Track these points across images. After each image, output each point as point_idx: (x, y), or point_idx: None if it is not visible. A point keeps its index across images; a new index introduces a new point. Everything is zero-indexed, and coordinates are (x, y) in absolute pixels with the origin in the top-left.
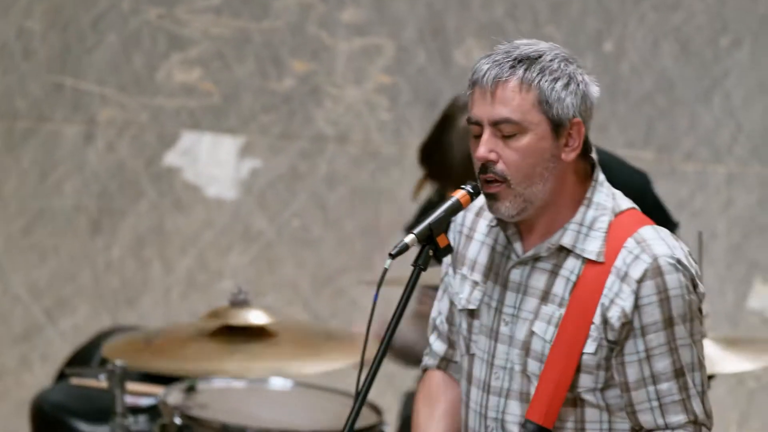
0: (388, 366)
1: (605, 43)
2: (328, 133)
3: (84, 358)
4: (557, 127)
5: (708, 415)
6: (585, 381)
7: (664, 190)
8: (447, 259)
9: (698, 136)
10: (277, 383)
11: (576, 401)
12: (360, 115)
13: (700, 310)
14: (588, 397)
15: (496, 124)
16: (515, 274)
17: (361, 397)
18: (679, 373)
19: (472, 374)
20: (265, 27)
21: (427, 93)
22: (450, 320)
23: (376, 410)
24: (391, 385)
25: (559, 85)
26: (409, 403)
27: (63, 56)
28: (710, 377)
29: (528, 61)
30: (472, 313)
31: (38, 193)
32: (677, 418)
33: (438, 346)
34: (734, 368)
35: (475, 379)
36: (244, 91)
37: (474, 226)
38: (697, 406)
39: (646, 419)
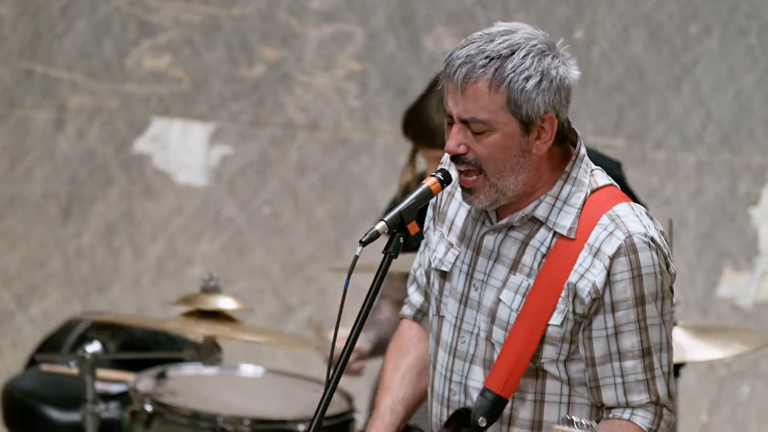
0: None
1: (575, 31)
2: (298, 120)
3: (54, 344)
4: (526, 125)
5: (671, 397)
6: (548, 352)
7: (634, 177)
8: (430, 213)
9: (668, 123)
10: (248, 370)
11: (537, 372)
12: (330, 102)
13: (671, 290)
14: (550, 368)
15: (464, 121)
16: (488, 241)
17: (332, 384)
18: (646, 353)
19: (440, 336)
20: (234, 14)
21: (397, 80)
22: (428, 274)
23: (347, 397)
24: (364, 370)
25: (530, 84)
26: None
27: (33, 43)
28: (681, 365)
29: (500, 60)
30: (444, 275)
31: (8, 179)
32: (639, 397)
33: (416, 297)
34: (704, 356)
35: (442, 341)
36: (214, 77)
37: (457, 185)
38: (660, 387)
39: (608, 395)
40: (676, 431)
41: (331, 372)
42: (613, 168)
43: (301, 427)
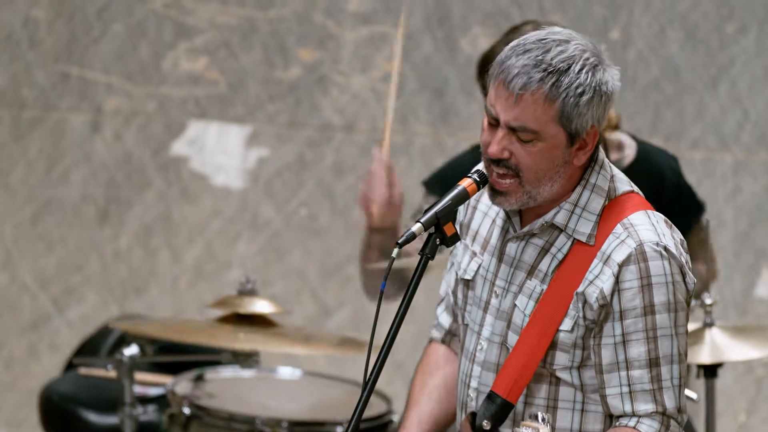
0: (397, 354)
1: (611, 31)
2: (334, 121)
3: (92, 347)
4: (573, 137)
5: (680, 410)
6: (560, 359)
7: None
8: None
9: (705, 123)
10: (286, 372)
11: (550, 378)
12: (366, 104)
13: (687, 302)
14: (563, 375)
15: (513, 127)
16: (510, 249)
17: (369, 385)
18: (653, 363)
19: (464, 345)
20: (271, 16)
21: (434, 81)
22: (455, 292)
23: (385, 399)
24: (400, 372)
25: (583, 100)
26: None
27: (69, 45)
28: (718, 365)
29: (557, 74)
30: (467, 284)
31: (45, 182)
32: (645, 406)
33: (444, 318)
34: (742, 356)
35: (465, 349)
36: (251, 80)
37: (480, 197)
38: (668, 399)
39: (614, 404)
40: (714, 431)
41: (368, 373)
42: (670, 162)
43: (339, 429)
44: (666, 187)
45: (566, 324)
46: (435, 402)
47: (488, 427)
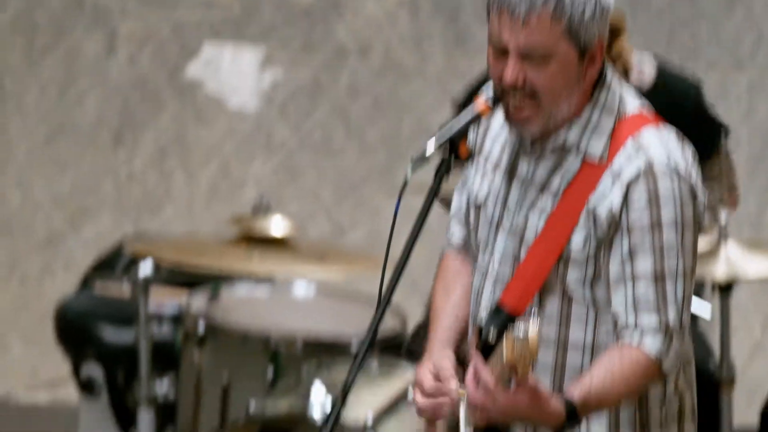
0: (412, 272)
1: None
2: (349, 45)
3: (107, 266)
4: (583, 53)
5: (682, 326)
6: (573, 274)
7: None
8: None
9: (720, 44)
10: (300, 289)
11: (564, 295)
12: (381, 28)
13: (696, 221)
14: (576, 291)
15: (524, 52)
16: (522, 168)
17: (384, 303)
18: (659, 278)
19: (477, 261)
20: None
21: (448, 5)
22: (467, 211)
23: (400, 316)
24: (415, 290)
25: (587, 13)
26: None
27: None
28: (733, 282)
29: None
30: (479, 203)
31: (59, 107)
32: (649, 319)
33: (458, 230)
34: (757, 273)
35: (479, 266)
36: (265, 3)
37: (491, 118)
38: (672, 313)
39: (619, 316)
40: (729, 348)
41: (383, 290)
42: (690, 90)
43: (354, 345)
44: (684, 116)
45: (577, 239)
46: (460, 311)
47: (494, 339)
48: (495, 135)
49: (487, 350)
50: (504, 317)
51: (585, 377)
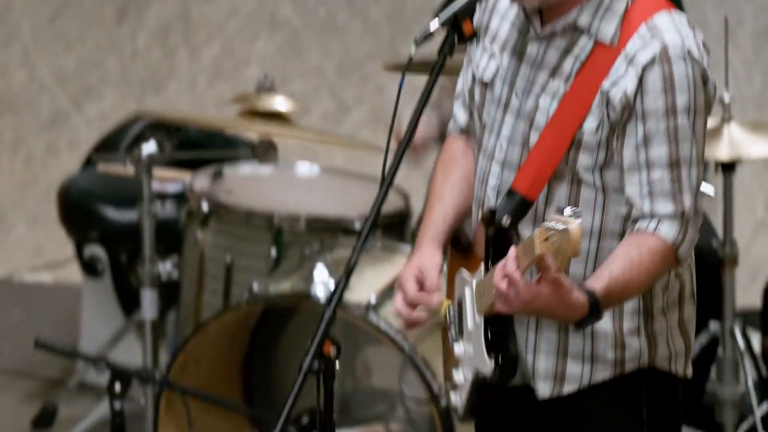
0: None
1: None
2: None
3: (111, 144)
4: None
5: (697, 212)
6: (584, 159)
7: None
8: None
9: None
10: (304, 168)
11: (573, 180)
12: None
13: (707, 106)
14: (585, 175)
15: None
16: (531, 49)
17: (387, 181)
18: (674, 164)
19: (481, 143)
20: None
21: None
22: (471, 91)
23: (403, 195)
24: (419, 168)
25: None
26: None
27: None
28: (737, 162)
29: None
30: (486, 85)
31: None
32: (665, 207)
33: (461, 115)
34: (760, 152)
35: (483, 148)
36: None
37: None
38: (687, 199)
39: (634, 204)
40: (732, 228)
41: (387, 169)
42: None
43: (357, 224)
44: None
45: (589, 123)
46: (457, 195)
47: (507, 224)
48: (502, 15)
49: (499, 235)
50: (518, 203)
51: (604, 269)
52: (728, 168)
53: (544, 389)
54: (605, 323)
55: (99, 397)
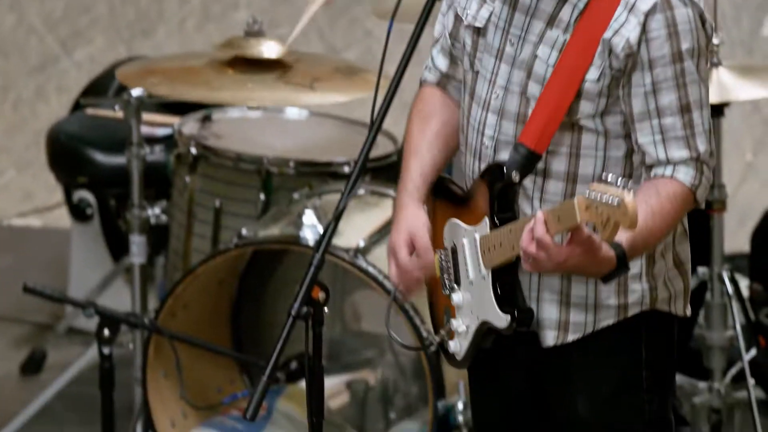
0: (404, 94)
1: None
2: None
3: (100, 88)
4: None
5: (711, 154)
6: (585, 108)
7: None
8: None
9: None
10: (293, 112)
11: (573, 127)
12: None
13: (707, 48)
14: (587, 123)
15: None
16: None
17: (376, 125)
18: (685, 109)
19: (474, 91)
20: None
21: None
22: (454, 35)
23: (392, 138)
24: (407, 112)
25: None
26: None
27: None
28: (725, 105)
29: None
30: (478, 31)
31: None
32: (679, 153)
33: (441, 61)
34: (749, 95)
35: (476, 96)
36: None
37: None
38: (701, 143)
39: (648, 152)
40: (720, 172)
41: (375, 114)
42: None
43: (346, 168)
44: None
45: (592, 73)
46: (436, 150)
47: (518, 179)
48: None
49: (507, 189)
50: (525, 157)
51: None
52: (716, 112)
53: (549, 338)
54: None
55: (88, 342)
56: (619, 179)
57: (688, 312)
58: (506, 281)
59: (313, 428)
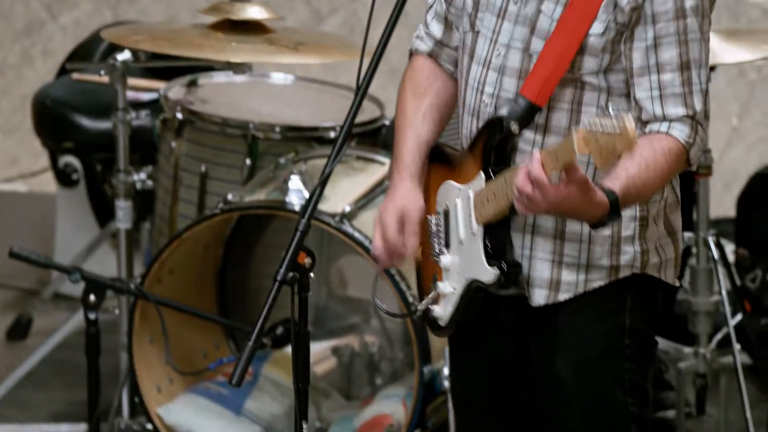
0: (390, 58)
1: None
2: None
3: (85, 53)
4: None
5: (706, 115)
6: (588, 63)
7: None
8: None
9: None
10: (279, 78)
11: (576, 83)
12: None
13: (711, 7)
14: (590, 79)
15: None
16: None
17: (362, 89)
18: (684, 66)
19: (474, 51)
20: None
21: None
22: (449, 0)
23: (378, 103)
24: (393, 77)
25: None
26: None
27: None
28: (711, 69)
29: None
30: None
31: None
32: (676, 110)
33: (435, 27)
34: (735, 59)
35: (476, 55)
36: None
37: None
38: (697, 102)
39: (645, 107)
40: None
41: (361, 78)
42: None
43: (332, 133)
44: None
45: (596, 28)
46: (430, 123)
47: (517, 131)
48: None
49: (503, 142)
50: (525, 109)
51: (620, 170)
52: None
53: (539, 296)
54: (604, 229)
55: (73, 307)
56: (619, 111)
57: (677, 282)
58: (497, 237)
59: (299, 394)
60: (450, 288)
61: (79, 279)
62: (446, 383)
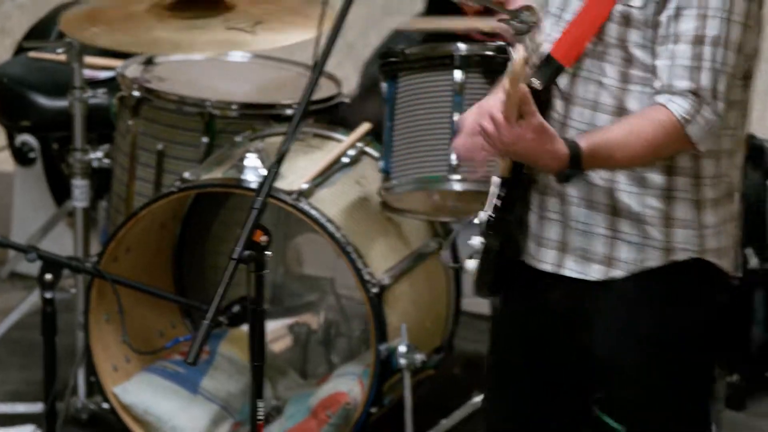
0: (347, 36)
1: None
2: None
3: (42, 31)
4: None
5: (715, 96)
6: (633, 36)
7: None
8: None
9: None
10: (236, 55)
11: (624, 51)
12: None
13: None
14: (636, 52)
15: None
16: None
17: (319, 67)
18: (698, 40)
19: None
20: None
21: None
22: None
23: (335, 81)
24: (350, 54)
25: None
26: (368, 72)
27: None
28: None
29: None
30: None
31: None
32: (681, 83)
33: None
34: None
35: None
36: None
37: None
38: (705, 78)
39: (659, 77)
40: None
41: (318, 55)
42: None
43: (289, 111)
44: None
45: (636, 1)
46: None
47: (539, 87)
48: None
49: (535, 96)
50: (549, 66)
51: (600, 129)
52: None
53: (594, 271)
54: (655, 208)
55: (30, 286)
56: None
57: (738, 273)
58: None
59: (255, 372)
60: (478, 243)
61: (36, 258)
62: (402, 361)
